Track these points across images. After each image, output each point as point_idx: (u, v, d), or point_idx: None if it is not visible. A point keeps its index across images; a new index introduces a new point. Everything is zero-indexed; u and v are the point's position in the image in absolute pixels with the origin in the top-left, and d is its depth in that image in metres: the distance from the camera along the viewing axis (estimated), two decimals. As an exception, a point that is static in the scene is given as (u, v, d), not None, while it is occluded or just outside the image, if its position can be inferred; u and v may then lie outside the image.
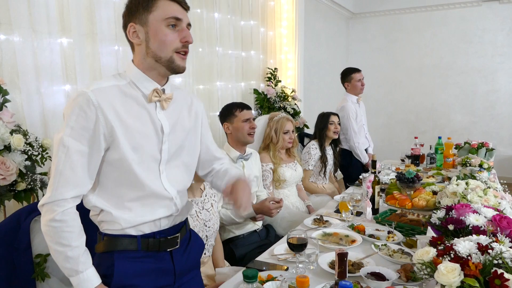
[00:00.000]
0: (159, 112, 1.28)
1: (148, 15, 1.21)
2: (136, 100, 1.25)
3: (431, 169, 3.53)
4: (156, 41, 1.22)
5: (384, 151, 5.83)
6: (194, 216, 1.82)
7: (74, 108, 1.16)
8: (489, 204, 1.69)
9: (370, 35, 7.02)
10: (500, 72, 6.17)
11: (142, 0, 1.22)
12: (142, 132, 1.24)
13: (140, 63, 1.27)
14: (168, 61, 1.25)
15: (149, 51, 1.24)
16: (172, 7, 1.23)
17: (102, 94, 1.18)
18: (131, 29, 1.23)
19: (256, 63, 4.35)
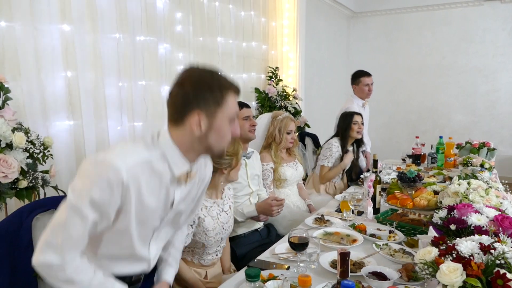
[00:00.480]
0: (176, 188, 1.27)
1: (217, 108, 1.18)
2: (161, 179, 1.21)
3: (432, 169, 3.53)
4: (217, 136, 1.21)
5: (385, 151, 5.81)
6: (215, 218, 1.82)
7: (101, 181, 1.10)
8: (491, 204, 1.69)
9: (371, 34, 7.01)
10: (501, 71, 6.16)
11: (214, 92, 1.18)
12: (154, 209, 1.24)
13: (184, 144, 1.22)
14: (220, 152, 1.27)
15: (205, 142, 1.21)
16: (235, 104, 1.24)
17: (134, 175, 1.14)
18: (196, 117, 1.17)
19: (258, 54, 4.34)
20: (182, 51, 3.21)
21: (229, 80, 1.23)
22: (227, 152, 1.74)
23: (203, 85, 1.17)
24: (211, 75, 1.20)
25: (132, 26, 2.74)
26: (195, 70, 1.21)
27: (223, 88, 1.19)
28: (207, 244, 1.79)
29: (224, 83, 1.21)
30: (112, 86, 2.64)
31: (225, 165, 1.79)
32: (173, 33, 3.13)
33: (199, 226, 1.75)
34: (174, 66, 3.14)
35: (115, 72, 2.65)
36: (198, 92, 1.16)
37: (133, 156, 1.16)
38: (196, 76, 1.19)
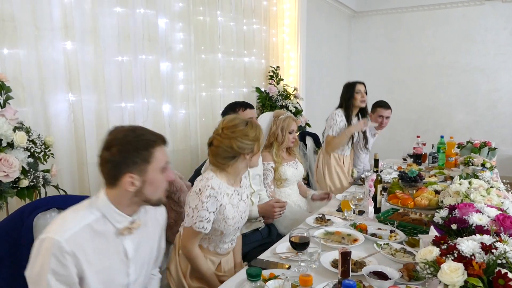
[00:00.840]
0: (125, 238, 1.33)
1: (147, 165, 1.27)
2: (106, 237, 1.28)
3: (433, 168, 3.52)
4: (152, 188, 1.30)
5: (385, 150, 5.80)
6: (235, 206, 1.80)
7: (49, 259, 1.16)
8: (492, 204, 1.69)
9: (372, 33, 7.00)
10: (503, 71, 6.15)
11: (139, 153, 1.25)
12: (110, 267, 1.30)
13: (121, 201, 1.30)
14: (157, 201, 1.35)
15: (141, 195, 1.30)
16: (163, 154, 1.32)
17: (75, 241, 1.20)
18: (129, 179, 1.25)
19: (258, 67, 4.35)
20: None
21: (153, 134, 1.31)
22: (250, 138, 1.74)
23: (129, 148, 1.25)
24: (135, 135, 1.27)
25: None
26: (120, 132, 1.28)
27: (149, 146, 1.27)
28: (225, 232, 1.77)
29: (148, 140, 1.28)
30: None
31: (248, 151, 1.76)
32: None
33: (219, 213, 1.73)
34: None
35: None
36: (126, 156, 1.24)
37: (71, 225, 1.22)
38: (121, 139, 1.26)
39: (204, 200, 1.66)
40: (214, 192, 1.68)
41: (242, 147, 1.74)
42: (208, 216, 1.68)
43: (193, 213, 1.68)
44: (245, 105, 2.35)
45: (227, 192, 1.76)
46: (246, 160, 1.79)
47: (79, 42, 2.43)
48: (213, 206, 1.69)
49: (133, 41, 2.76)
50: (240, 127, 1.74)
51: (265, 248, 1.91)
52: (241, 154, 1.75)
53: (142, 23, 2.83)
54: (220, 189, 1.72)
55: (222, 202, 1.72)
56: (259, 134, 1.79)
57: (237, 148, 1.73)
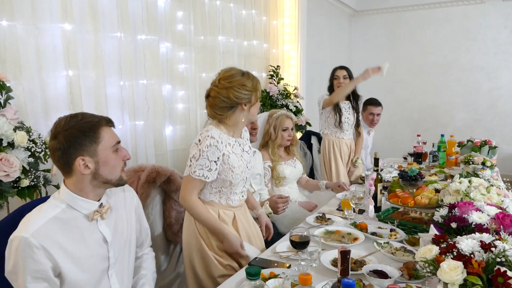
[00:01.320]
0: (100, 224, 1.36)
1: (96, 146, 1.29)
2: (77, 225, 1.30)
3: (433, 167, 3.52)
4: (108, 168, 1.32)
5: (386, 149, 5.80)
6: (238, 155, 1.81)
7: (19, 258, 1.18)
8: (492, 202, 1.69)
9: (372, 32, 7.00)
10: (503, 69, 6.14)
11: (86, 135, 1.27)
12: (88, 254, 1.32)
13: (82, 188, 1.31)
14: (118, 180, 1.37)
15: (99, 177, 1.32)
16: (112, 134, 1.35)
17: (43, 234, 1.21)
18: (81, 162, 1.27)
19: (259, 52, 4.34)
20: (183, 50, 3.20)
21: (95, 116, 1.33)
22: (247, 88, 1.74)
23: (74, 132, 1.26)
24: (78, 119, 1.29)
25: (133, 25, 2.75)
26: (62, 120, 1.29)
27: (93, 126, 1.30)
28: (234, 182, 1.79)
29: (91, 121, 1.30)
30: (113, 85, 2.64)
31: (245, 100, 1.76)
32: (174, 32, 3.13)
33: (224, 163, 1.74)
34: (175, 65, 3.15)
35: (116, 71, 2.65)
36: (72, 140, 1.26)
37: (35, 220, 1.23)
38: (65, 126, 1.27)
39: (204, 149, 1.68)
40: (214, 141, 1.69)
41: (239, 97, 1.74)
42: (209, 165, 1.70)
43: (192, 162, 1.70)
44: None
45: (228, 142, 1.78)
46: (244, 111, 1.79)
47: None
48: (214, 155, 1.70)
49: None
50: (237, 77, 1.75)
51: (265, 247, 1.92)
52: (238, 104, 1.76)
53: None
54: (221, 139, 1.73)
55: (224, 151, 1.74)
56: (256, 84, 1.79)
57: (234, 98, 1.73)
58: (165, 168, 2.21)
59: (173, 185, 2.27)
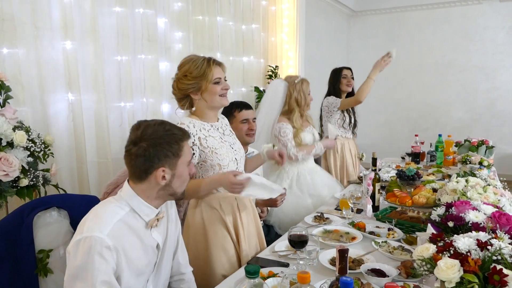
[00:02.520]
0: (153, 231, 1.36)
1: (177, 159, 1.31)
2: (137, 232, 1.30)
3: (431, 167, 3.53)
4: (179, 181, 1.34)
5: (385, 149, 5.81)
6: (217, 138, 1.77)
7: (93, 258, 1.14)
8: (488, 201, 1.70)
9: (371, 32, 7.01)
10: (501, 69, 6.17)
11: (172, 146, 1.28)
12: (144, 261, 1.32)
13: (149, 195, 1.31)
14: (182, 194, 1.38)
15: (169, 189, 1.32)
16: (190, 149, 1.39)
17: (115, 236, 1.20)
18: (161, 174, 1.28)
19: (257, 68, 4.36)
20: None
21: (180, 129, 1.34)
22: (190, 77, 1.69)
23: (162, 142, 1.27)
24: (165, 129, 1.29)
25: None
26: (149, 127, 1.28)
27: (179, 140, 1.31)
28: (222, 163, 1.74)
29: (177, 134, 1.31)
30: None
31: (192, 90, 1.71)
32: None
33: (204, 147, 1.70)
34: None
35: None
36: (159, 150, 1.26)
37: (107, 219, 1.22)
38: (152, 134, 1.27)
39: None
40: (184, 127, 1.66)
41: (183, 88, 1.71)
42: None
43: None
44: (241, 106, 2.32)
45: (202, 126, 1.74)
46: (200, 99, 1.73)
47: (79, 41, 2.44)
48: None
49: (132, 40, 2.76)
50: (184, 66, 1.71)
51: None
52: (187, 94, 1.73)
53: (141, 22, 2.83)
54: (192, 124, 1.71)
55: (199, 135, 1.71)
56: (204, 70, 1.69)
57: (179, 89, 1.72)
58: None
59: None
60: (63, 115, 2.40)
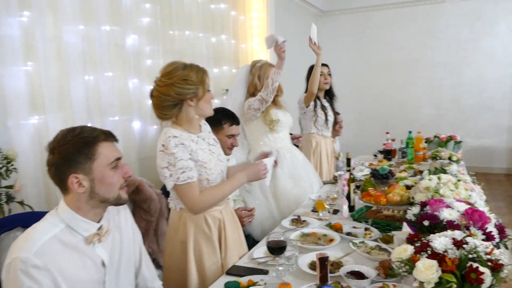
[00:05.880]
0: (97, 247, 1.28)
1: (91, 163, 1.22)
2: (76, 248, 1.22)
3: (403, 163, 3.60)
4: (104, 186, 1.25)
5: (356, 147, 5.90)
6: (205, 150, 1.72)
7: (22, 280, 1.08)
8: (460, 197, 1.74)
9: (340, 32, 7.10)
10: (464, 66, 6.38)
11: (80, 151, 1.21)
12: (85, 279, 1.23)
13: (79, 206, 1.24)
14: (116, 199, 1.29)
15: (95, 195, 1.24)
16: (111, 150, 1.27)
17: (46, 254, 1.13)
18: (74, 180, 1.20)
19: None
20: (150, 44, 3.13)
21: (95, 130, 1.26)
22: (190, 82, 1.64)
23: (69, 148, 1.20)
24: (74, 134, 1.22)
25: (97, 16, 2.62)
26: (60, 134, 1.23)
27: (90, 142, 1.22)
28: (211, 178, 1.71)
29: (89, 136, 1.23)
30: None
31: (190, 95, 1.65)
32: (141, 25, 3.05)
33: (195, 161, 1.65)
34: (142, 60, 3.06)
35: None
36: (66, 157, 1.20)
37: (36, 238, 1.15)
38: (61, 141, 1.21)
39: (174, 151, 1.59)
40: (178, 140, 1.61)
41: (181, 92, 1.63)
42: (187, 164, 1.62)
43: (170, 170, 1.61)
44: (233, 120, 2.24)
45: (190, 139, 1.68)
46: (192, 107, 1.68)
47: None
48: (185, 153, 1.62)
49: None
50: (178, 71, 1.64)
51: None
52: (183, 100, 1.66)
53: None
54: (182, 136, 1.64)
55: (191, 147, 1.65)
56: (202, 76, 1.67)
57: (176, 94, 1.63)
58: (133, 178, 2.15)
59: (142, 194, 2.22)
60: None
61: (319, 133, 3.46)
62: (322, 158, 3.48)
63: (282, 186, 2.60)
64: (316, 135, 3.44)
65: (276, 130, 2.68)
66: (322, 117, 3.43)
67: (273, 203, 2.60)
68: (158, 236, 2.22)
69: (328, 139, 3.54)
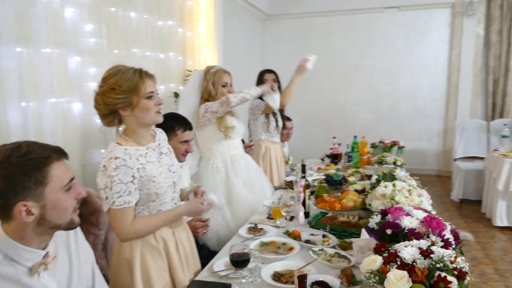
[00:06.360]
0: (43, 276, 1.13)
1: (43, 188, 1.07)
2: (18, 282, 1.07)
3: (349, 167, 3.71)
4: (57, 212, 1.11)
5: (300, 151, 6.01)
6: (155, 163, 1.61)
7: None
8: (414, 203, 1.81)
9: (284, 36, 7.21)
10: (400, 73, 6.77)
11: (30, 176, 1.05)
12: None
13: (24, 236, 1.09)
14: (68, 224, 1.16)
15: (45, 222, 1.10)
16: (64, 170, 1.13)
17: None
18: (22, 209, 1.04)
19: (175, 65, 4.18)
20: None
21: (46, 149, 1.10)
22: (119, 90, 1.50)
23: (16, 172, 1.03)
24: (20, 154, 1.05)
25: (36, 37, 2.41)
26: (2, 151, 1.05)
27: (41, 164, 1.08)
28: (159, 192, 1.59)
29: (39, 157, 1.08)
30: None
31: (121, 105, 1.52)
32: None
33: (142, 177, 1.54)
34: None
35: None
36: (12, 182, 1.03)
37: None
38: (4, 162, 1.03)
39: (113, 174, 1.47)
40: (120, 161, 1.48)
41: (110, 102, 1.51)
42: (126, 188, 1.49)
43: (107, 192, 1.49)
44: (186, 126, 2.15)
45: (139, 153, 1.57)
46: (127, 117, 1.55)
47: None
48: (126, 176, 1.49)
49: (35, 31, 2.39)
50: (111, 78, 1.52)
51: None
52: (115, 110, 1.54)
53: (45, 11, 2.46)
54: (128, 155, 1.52)
55: (137, 166, 1.53)
56: (136, 83, 1.52)
57: (104, 104, 1.52)
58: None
59: (89, 206, 2.06)
60: None
61: (269, 139, 3.48)
62: (272, 164, 3.50)
63: (237, 194, 2.56)
64: (266, 141, 3.45)
65: (231, 137, 2.64)
66: (273, 123, 3.45)
67: (228, 211, 2.54)
68: (107, 251, 2.07)
69: (277, 145, 3.57)
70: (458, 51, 6.39)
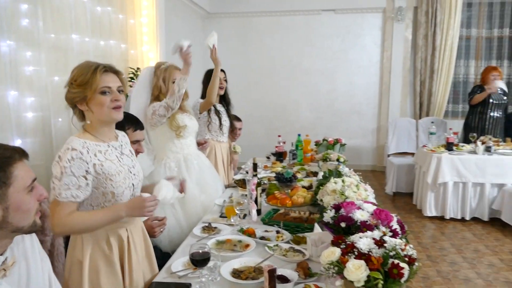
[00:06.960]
0: (0, 284, 1.09)
1: (6, 189, 1.05)
2: None
3: (294, 165, 3.83)
4: (20, 214, 1.08)
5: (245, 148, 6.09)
6: (115, 161, 1.57)
7: None
8: (362, 197, 1.93)
9: (225, 35, 7.20)
10: (337, 73, 7.09)
11: None
12: None
13: None
14: (31, 226, 1.13)
15: (7, 225, 1.07)
16: (27, 171, 1.11)
17: None
18: None
19: (117, 53, 4.03)
20: (30, 49, 2.74)
21: (7, 149, 1.09)
22: (74, 84, 1.50)
23: None
24: None
25: None
26: None
27: (4, 164, 1.06)
28: (116, 191, 1.55)
29: (3, 157, 1.06)
30: None
31: (77, 99, 1.52)
32: (18, 28, 2.65)
33: (98, 174, 1.50)
34: (21, 67, 2.67)
35: None
36: None
37: None
38: None
39: (66, 165, 1.43)
40: (76, 153, 1.45)
41: (69, 97, 1.55)
42: (76, 182, 1.45)
43: (55, 183, 1.44)
44: (136, 125, 2.09)
45: (98, 149, 1.53)
46: (88, 111, 1.54)
47: None
48: (80, 170, 1.45)
49: None
50: (72, 73, 1.55)
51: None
52: (75, 104, 1.55)
53: None
54: (86, 149, 1.48)
55: (93, 161, 1.49)
56: (90, 77, 1.50)
57: (66, 98, 1.56)
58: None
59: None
60: None
61: (213, 139, 3.48)
62: (218, 163, 3.50)
63: (190, 193, 2.54)
64: (211, 141, 3.44)
65: (183, 136, 2.61)
66: (216, 123, 3.45)
67: (180, 210, 2.52)
68: (54, 258, 1.95)
69: (223, 144, 3.57)
70: (389, 54, 6.83)
